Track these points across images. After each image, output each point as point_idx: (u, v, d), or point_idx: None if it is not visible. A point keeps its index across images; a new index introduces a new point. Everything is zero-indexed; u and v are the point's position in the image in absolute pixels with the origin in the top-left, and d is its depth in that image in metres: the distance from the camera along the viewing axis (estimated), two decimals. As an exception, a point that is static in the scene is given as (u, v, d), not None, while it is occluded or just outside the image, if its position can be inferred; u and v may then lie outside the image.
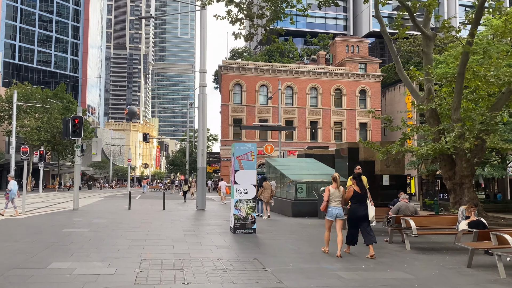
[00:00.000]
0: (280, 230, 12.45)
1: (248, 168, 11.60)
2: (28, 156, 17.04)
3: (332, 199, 8.53)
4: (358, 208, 8.53)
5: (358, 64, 52.77)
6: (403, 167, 19.03)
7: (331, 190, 8.59)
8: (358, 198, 8.59)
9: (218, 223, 14.21)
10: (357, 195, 8.59)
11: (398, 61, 18.32)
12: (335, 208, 8.51)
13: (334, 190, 8.57)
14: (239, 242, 10.02)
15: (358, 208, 8.53)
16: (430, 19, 17.30)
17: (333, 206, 8.51)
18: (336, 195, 8.54)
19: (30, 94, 48.46)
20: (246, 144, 11.81)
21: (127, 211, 18.97)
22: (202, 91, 22.33)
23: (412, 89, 17.74)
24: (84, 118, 22.32)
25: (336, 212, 8.50)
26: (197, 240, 10.22)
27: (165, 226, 12.78)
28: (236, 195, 11.47)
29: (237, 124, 49.42)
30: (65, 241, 9.57)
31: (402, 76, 18.13)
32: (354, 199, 8.62)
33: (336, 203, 8.53)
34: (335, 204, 8.52)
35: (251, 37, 16.56)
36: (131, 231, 11.42)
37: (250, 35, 16.37)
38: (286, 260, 7.88)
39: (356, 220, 8.57)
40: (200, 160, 21.98)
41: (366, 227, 8.52)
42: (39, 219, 14.40)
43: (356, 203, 8.58)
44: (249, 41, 70.24)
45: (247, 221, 11.46)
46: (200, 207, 21.30)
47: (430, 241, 10.79)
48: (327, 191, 8.64)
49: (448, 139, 13.99)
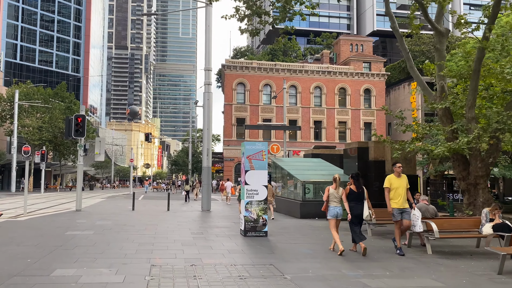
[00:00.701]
0: (292, 233, 11.98)
1: (259, 168, 11.13)
2: (30, 155, 16.60)
3: (332, 199, 8.86)
4: (355, 207, 8.76)
5: (362, 63, 52.28)
6: (414, 166, 18.50)
7: (331, 190, 8.92)
8: (355, 196, 8.81)
9: (226, 225, 13.75)
10: (353, 193, 8.82)
11: (409, 58, 17.87)
12: (335, 207, 8.84)
13: (334, 191, 8.90)
14: (251, 245, 9.55)
15: (354, 206, 8.75)
16: (443, 15, 16.82)
17: (333, 205, 8.85)
18: (335, 195, 8.87)
19: (32, 93, 48.06)
20: (257, 143, 11.35)
21: (131, 212, 18.53)
22: (207, 90, 21.87)
23: (424, 87, 17.26)
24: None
25: (336, 212, 8.84)
26: (207, 243, 9.75)
27: (172, 229, 12.32)
28: (246, 196, 11.01)
29: (240, 123, 48.97)
30: (69, 244, 9.11)
31: (414, 74, 17.66)
32: (351, 198, 8.83)
33: (336, 203, 8.86)
34: (335, 204, 8.85)
35: (257, 32, 16.27)
36: (137, 234, 10.96)
37: (256, 30, 16.06)
38: (304, 266, 7.41)
39: (354, 218, 8.74)
40: (206, 160, 21.52)
41: (356, 225, 8.80)
42: (42, 220, 13.95)
43: (352, 201, 8.79)
44: (253, 39, 69.03)
45: (258, 224, 10.99)
46: (206, 208, 20.84)
47: (450, 245, 10.32)
48: (326, 191, 8.97)
49: (467, 140, 13.49)
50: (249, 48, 76.03)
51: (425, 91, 17.30)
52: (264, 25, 15.65)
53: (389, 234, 12.24)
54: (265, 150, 11.21)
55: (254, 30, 15.68)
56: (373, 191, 18.52)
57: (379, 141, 19.50)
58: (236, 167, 49.02)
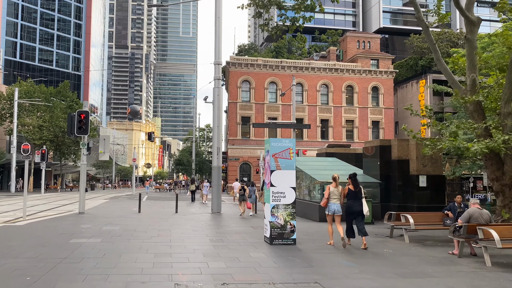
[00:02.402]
0: (319, 240, 10.79)
1: (286, 167, 9.94)
2: (29, 154, 15.40)
3: (332, 196, 9.79)
4: (353, 204, 9.59)
5: (370, 60, 51.05)
6: (440, 166, 17.34)
7: (331, 188, 9.85)
8: (352, 195, 9.70)
9: (245, 229, 12.56)
10: (351, 192, 9.69)
11: (436, 50, 16.63)
12: (333, 204, 9.76)
13: (334, 189, 9.83)
14: (282, 256, 8.36)
15: (353, 204, 9.59)
16: (474, 3, 15.66)
17: (332, 202, 9.77)
18: (335, 193, 9.79)
19: (32, 91, 46.87)
20: (283, 140, 10.16)
21: (137, 214, 17.35)
22: (217, 85, 20.69)
23: (453, 80, 16.04)
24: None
25: (334, 208, 9.75)
26: (232, 253, 8.55)
27: (187, 235, 11.13)
28: (272, 200, 9.81)
29: (245, 122, 47.78)
30: (75, 256, 7.91)
31: (441, 66, 16.43)
32: (349, 196, 9.69)
33: (335, 200, 9.78)
34: (334, 201, 9.77)
35: (280, 31, 15.58)
36: (150, 242, 9.77)
37: (278, 27, 15.36)
38: (357, 285, 6.23)
39: (351, 214, 9.64)
40: (216, 159, 20.34)
41: (360, 221, 9.62)
42: (43, 225, 12.75)
43: (350, 200, 9.62)
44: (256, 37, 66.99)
45: (286, 230, 9.80)
46: (216, 210, 19.68)
47: (508, 255, 9.13)
48: (327, 190, 9.89)
49: (503, 138, 12.30)
50: (253, 46, 74.75)
51: (454, 85, 16.11)
52: (284, 22, 15.01)
53: (427, 241, 11.06)
54: (292, 148, 10.02)
55: (277, 27, 15.26)
56: (397, 194, 17.40)
57: (403, 139, 18.33)
58: (241, 167, 47.84)
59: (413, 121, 52.99)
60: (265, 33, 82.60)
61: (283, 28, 15.38)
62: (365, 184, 17.88)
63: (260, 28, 15.60)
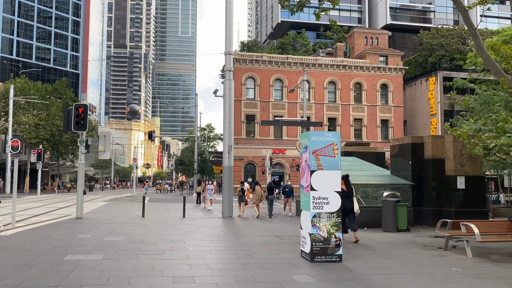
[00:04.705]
0: (363, 254, 9.00)
1: (329, 167, 8.14)
2: (19, 152, 13.57)
3: None
4: (345, 203, 9.75)
5: (378, 56, 49.28)
6: (480, 166, 15.54)
7: None
8: (345, 194, 10.18)
9: (271, 240, 10.74)
10: (344, 192, 9.82)
11: (476, 36, 14.81)
12: None
13: None
14: (334, 280, 6.55)
15: (345, 202, 9.92)
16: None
17: None
18: None
19: (28, 89, 44.95)
20: (325, 133, 8.33)
21: (141, 219, 15.54)
22: (228, 77, 18.89)
23: (496, 69, 14.25)
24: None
25: None
26: (270, 277, 6.72)
27: (206, 247, 9.30)
28: (313, 207, 8.00)
29: (249, 121, 45.97)
30: (70, 283, 6.09)
31: (483, 54, 14.63)
32: (342, 196, 9.08)
33: None
34: None
35: (302, 6, 14.19)
36: (164, 259, 7.94)
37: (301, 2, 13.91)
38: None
39: (343, 212, 9.64)
40: (227, 159, 18.55)
41: (351, 218, 10.73)
42: (33, 236, 10.90)
43: (343, 199, 9.12)
44: (258, 35, 64.99)
45: (330, 244, 7.99)
46: (227, 215, 17.89)
47: None
48: None
49: None
50: (255, 43, 72.91)
51: (498, 74, 14.34)
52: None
53: (492, 254, 9.28)
54: (337, 143, 8.22)
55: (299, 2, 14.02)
56: (431, 196, 15.56)
57: (437, 136, 16.57)
58: (245, 167, 46.03)
59: (422, 120, 51.28)
60: (268, 30, 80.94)
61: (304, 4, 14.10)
62: (395, 186, 16.13)
63: (279, 3, 14.35)
